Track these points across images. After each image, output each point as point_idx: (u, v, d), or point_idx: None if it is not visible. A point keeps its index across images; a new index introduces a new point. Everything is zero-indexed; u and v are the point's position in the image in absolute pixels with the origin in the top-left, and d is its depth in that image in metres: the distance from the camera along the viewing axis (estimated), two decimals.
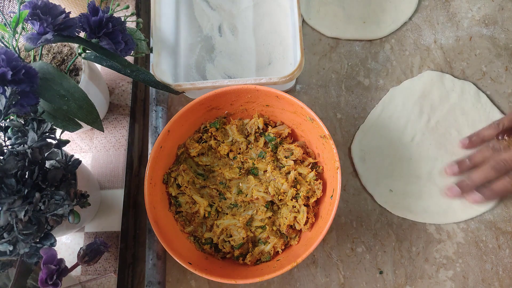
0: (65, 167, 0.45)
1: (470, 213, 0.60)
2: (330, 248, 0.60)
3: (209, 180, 0.59)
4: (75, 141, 0.66)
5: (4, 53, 0.42)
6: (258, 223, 0.56)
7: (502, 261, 0.58)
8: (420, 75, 0.66)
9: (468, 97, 0.64)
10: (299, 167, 0.57)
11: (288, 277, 0.60)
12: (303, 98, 0.68)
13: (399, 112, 0.65)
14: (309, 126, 0.56)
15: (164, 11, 0.65)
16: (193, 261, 0.51)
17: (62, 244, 0.61)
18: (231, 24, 0.70)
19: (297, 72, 0.56)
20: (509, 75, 0.66)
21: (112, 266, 0.59)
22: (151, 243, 0.61)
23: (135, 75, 0.55)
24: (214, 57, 0.68)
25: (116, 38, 0.50)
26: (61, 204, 0.42)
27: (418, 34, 0.69)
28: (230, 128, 0.60)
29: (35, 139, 0.42)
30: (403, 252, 0.59)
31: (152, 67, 0.59)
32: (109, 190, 0.63)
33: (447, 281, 0.58)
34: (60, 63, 0.57)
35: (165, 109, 0.68)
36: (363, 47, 0.70)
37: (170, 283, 0.61)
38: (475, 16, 0.70)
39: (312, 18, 0.71)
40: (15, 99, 0.42)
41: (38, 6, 0.45)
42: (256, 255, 0.55)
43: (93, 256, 0.48)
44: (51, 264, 0.42)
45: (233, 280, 0.49)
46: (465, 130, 0.63)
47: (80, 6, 0.67)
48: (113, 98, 0.68)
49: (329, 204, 0.52)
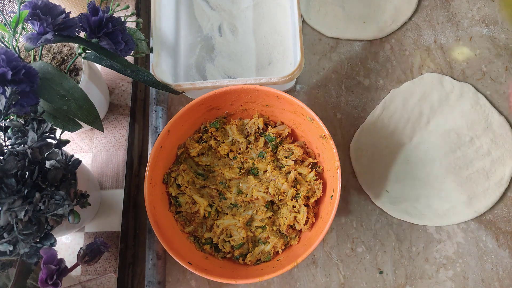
0: (65, 167, 0.45)
1: (467, 216, 0.60)
2: (330, 248, 0.60)
3: (209, 180, 0.59)
4: (75, 141, 0.66)
5: (4, 53, 0.42)
6: (258, 223, 0.56)
7: (502, 261, 0.58)
8: (420, 77, 0.66)
9: (467, 98, 0.65)
10: (299, 167, 0.57)
11: (288, 277, 0.60)
12: (303, 98, 0.68)
13: (399, 113, 0.65)
14: (309, 126, 0.56)
15: (164, 11, 0.64)
16: (193, 261, 0.51)
17: (62, 244, 0.61)
18: (231, 24, 0.70)
19: (297, 72, 0.56)
20: (509, 75, 0.66)
21: (112, 266, 0.59)
22: (151, 243, 0.61)
23: (135, 75, 0.55)
24: (214, 57, 0.68)
25: (116, 38, 0.50)
26: (61, 204, 0.42)
27: (418, 34, 0.69)
28: (230, 128, 0.60)
29: (35, 139, 0.42)
30: (403, 252, 0.59)
31: (152, 67, 0.59)
32: (109, 190, 0.63)
33: (447, 281, 0.58)
34: (60, 63, 0.57)
35: (165, 109, 0.68)
36: (363, 47, 0.70)
37: (170, 283, 0.61)
38: (475, 16, 0.70)
39: (312, 18, 0.71)
40: (15, 99, 0.42)
41: (38, 6, 0.45)
42: (256, 255, 0.55)
43: (93, 256, 0.48)
44: (51, 264, 0.42)
45: (233, 280, 0.49)
46: (464, 131, 0.63)
47: (80, 6, 0.67)
48: (113, 98, 0.68)
49: (329, 204, 0.52)
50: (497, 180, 0.60)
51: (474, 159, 0.62)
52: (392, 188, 0.62)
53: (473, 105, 0.64)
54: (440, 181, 0.61)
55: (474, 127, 0.63)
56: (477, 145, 0.62)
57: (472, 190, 0.60)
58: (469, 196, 0.60)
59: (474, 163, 0.62)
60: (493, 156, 0.62)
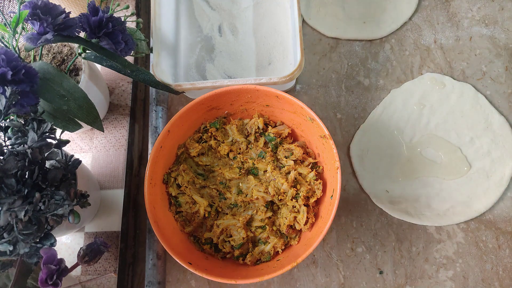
0: (65, 167, 0.45)
1: (467, 216, 0.59)
2: (330, 248, 0.60)
3: (209, 180, 0.59)
4: (75, 141, 0.66)
5: (4, 53, 0.42)
6: (258, 223, 0.56)
7: (502, 261, 0.58)
8: (420, 77, 0.66)
9: (467, 99, 0.65)
10: (299, 167, 0.57)
11: (288, 277, 0.60)
12: (303, 98, 0.68)
13: (399, 113, 0.65)
14: (309, 126, 0.56)
15: (164, 11, 0.65)
16: (193, 261, 0.51)
17: (62, 244, 0.61)
18: (231, 24, 0.70)
19: (297, 72, 0.56)
20: (509, 75, 0.66)
21: (112, 266, 0.59)
22: (151, 243, 0.61)
23: (135, 75, 0.55)
24: (214, 57, 0.68)
25: (116, 38, 0.50)
26: (61, 204, 0.42)
27: (418, 34, 0.69)
28: (230, 128, 0.60)
29: (35, 139, 0.42)
30: (403, 252, 0.59)
31: (152, 67, 0.59)
32: (109, 190, 0.63)
33: (447, 281, 0.58)
34: (60, 63, 0.57)
35: (165, 109, 0.68)
36: (363, 47, 0.70)
37: (170, 283, 0.61)
38: (475, 16, 0.70)
39: (312, 18, 0.71)
40: (15, 99, 0.42)
41: (38, 6, 0.44)
42: (256, 255, 0.55)
43: (93, 256, 0.48)
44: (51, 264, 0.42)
45: (233, 280, 0.49)
46: (464, 132, 0.63)
47: (80, 6, 0.67)
48: (113, 98, 0.68)
49: (329, 204, 0.52)
50: (497, 180, 0.60)
51: (474, 159, 0.62)
52: (392, 188, 0.62)
53: (473, 105, 0.64)
54: (440, 181, 0.61)
55: (474, 127, 0.63)
56: (477, 145, 0.62)
57: (472, 190, 0.60)
58: (469, 196, 0.60)
59: (474, 163, 0.62)
60: (493, 156, 0.62)
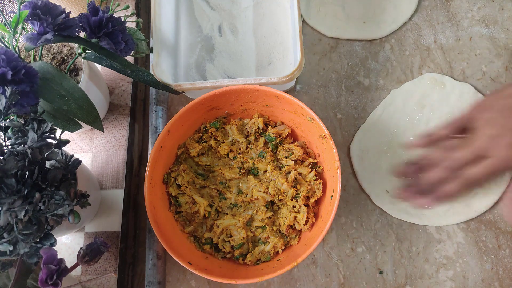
0: (65, 167, 0.45)
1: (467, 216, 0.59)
2: (330, 248, 0.60)
3: (209, 180, 0.59)
4: (75, 141, 0.66)
5: (4, 53, 0.42)
6: (258, 223, 0.56)
7: (502, 261, 0.58)
8: (420, 77, 0.66)
9: (467, 99, 0.64)
10: (299, 167, 0.57)
11: (288, 277, 0.60)
12: (303, 98, 0.68)
13: (399, 114, 0.65)
14: (309, 126, 0.56)
15: (164, 11, 0.65)
16: (193, 261, 0.51)
17: (62, 244, 0.61)
18: (231, 24, 0.70)
19: (297, 72, 0.56)
20: (509, 75, 0.66)
21: (112, 266, 0.59)
22: (151, 243, 0.61)
23: (135, 75, 0.55)
24: (214, 57, 0.68)
25: (116, 38, 0.50)
26: (61, 204, 0.42)
27: (418, 34, 0.69)
28: (230, 128, 0.60)
29: (35, 139, 0.42)
30: (403, 252, 0.59)
31: (152, 67, 0.59)
32: (109, 190, 0.63)
33: (447, 281, 0.58)
34: (60, 63, 0.57)
35: (165, 109, 0.68)
36: (363, 47, 0.70)
37: (170, 283, 0.61)
38: (475, 16, 0.69)
39: (312, 18, 0.71)
40: (15, 99, 0.42)
41: (38, 6, 0.44)
42: (256, 255, 0.55)
43: (93, 256, 0.48)
44: (51, 264, 0.42)
45: (233, 280, 0.49)
46: None
47: (80, 6, 0.67)
48: (113, 98, 0.68)
49: (329, 204, 0.52)
50: (497, 180, 0.60)
51: None
52: (392, 188, 0.61)
53: None
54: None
55: None
56: None
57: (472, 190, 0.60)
58: (469, 196, 0.60)
59: None
60: None
